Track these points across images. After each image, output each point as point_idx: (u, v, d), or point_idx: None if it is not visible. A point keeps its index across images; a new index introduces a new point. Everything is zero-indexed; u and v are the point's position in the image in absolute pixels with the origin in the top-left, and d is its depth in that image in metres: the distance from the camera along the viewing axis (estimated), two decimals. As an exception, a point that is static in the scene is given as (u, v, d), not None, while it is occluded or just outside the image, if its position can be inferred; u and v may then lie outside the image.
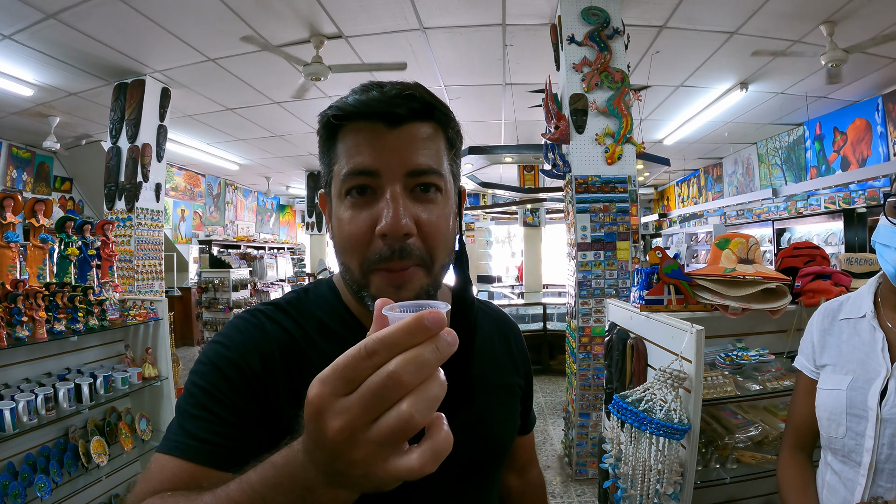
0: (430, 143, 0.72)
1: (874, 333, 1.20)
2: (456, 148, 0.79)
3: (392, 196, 0.68)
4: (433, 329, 0.39)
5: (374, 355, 0.39)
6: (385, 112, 0.69)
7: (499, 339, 0.98)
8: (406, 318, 0.39)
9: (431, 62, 5.33)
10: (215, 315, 7.68)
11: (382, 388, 0.38)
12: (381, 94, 0.69)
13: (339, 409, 0.39)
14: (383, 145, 0.69)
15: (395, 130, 0.69)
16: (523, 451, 1.10)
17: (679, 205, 12.37)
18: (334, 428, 0.39)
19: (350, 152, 0.71)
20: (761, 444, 1.95)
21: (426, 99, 0.71)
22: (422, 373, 0.38)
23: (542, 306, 7.81)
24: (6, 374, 2.59)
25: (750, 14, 4.31)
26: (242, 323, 0.80)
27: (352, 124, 0.71)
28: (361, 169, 0.69)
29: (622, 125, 4.01)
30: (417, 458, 0.39)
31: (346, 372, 0.39)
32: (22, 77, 5.38)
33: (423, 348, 0.39)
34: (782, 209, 7.31)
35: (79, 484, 2.65)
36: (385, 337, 0.39)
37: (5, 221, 3.07)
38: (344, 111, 0.70)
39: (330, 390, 0.39)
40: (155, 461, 0.68)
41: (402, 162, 0.69)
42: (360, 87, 0.73)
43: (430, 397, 0.39)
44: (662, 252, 2.09)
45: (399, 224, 0.67)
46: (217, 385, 0.72)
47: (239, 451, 0.67)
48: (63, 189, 8.91)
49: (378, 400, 0.38)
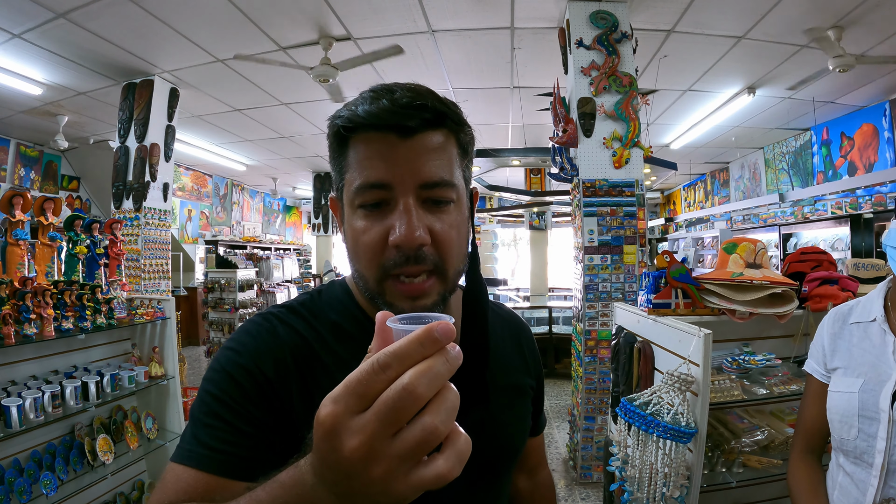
0: (442, 153, 0.71)
1: (884, 337, 1.21)
2: (468, 153, 0.78)
3: (405, 208, 0.68)
4: (443, 340, 0.39)
5: (388, 369, 0.38)
6: (397, 123, 0.67)
7: (510, 340, 0.97)
8: (417, 331, 0.39)
9: (439, 65, 5.34)
10: (221, 315, 7.69)
11: (398, 401, 0.37)
12: (392, 102, 0.67)
13: (356, 427, 0.38)
14: (395, 157, 0.68)
15: (407, 141, 0.68)
16: (534, 453, 1.10)
17: (685, 209, 12.34)
18: (351, 447, 0.38)
19: (362, 164, 0.70)
20: (767, 449, 1.96)
21: (438, 108, 0.70)
22: (435, 384, 0.38)
23: (547, 310, 7.81)
24: (13, 371, 2.60)
25: (758, 19, 4.30)
26: (254, 327, 0.79)
27: (363, 134, 0.70)
28: (374, 182, 0.69)
29: (630, 129, 4.01)
30: (444, 464, 0.40)
31: (358, 388, 0.39)
32: (31, 76, 5.40)
33: (435, 360, 0.39)
34: (789, 214, 7.28)
35: (84, 481, 2.65)
36: (397, 350, 0.39)
37: (14, 219, 3.08)
38: (354, 122, 0.69)
39: (343, 409, 0.39)
40: (170, 471, 0.69)
41: (414, 174, 0.69)
42: (369, 93, 0.71)
43: (449, 407, 0.39)
44: (670, 256, 2.08)
45: (413, 236, 0.67)
46: (229, 393, 0.71)
47: (253, 459, 0.68)
48: (70, 188, 8.97)
49: (395, 414, 0.38)
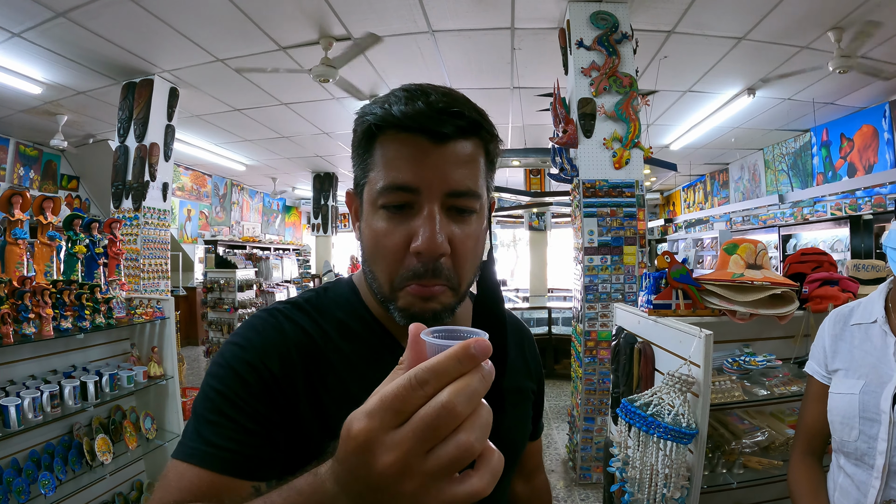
0: (471, 163, 0.70)
1: (886, 338, 1.21)
2: (494, 165, 0.77)
3: (429, 214, 0.67)
4: (480, 357, 0.38)
5: (426, 385, 0.38)
6: (430, 128, 0.66)
7: (513, 343, 0.97)
8: (454, 347, 0.39)
9: (440, 65, 5.34)
10: (220, 315, 7.69)
11: (437, 419, 0.37)
12: (428, 106, 0.66)
13: (391, 443, 0.38)
14: (426, 162, 0.67)
15: (438, 147, 0.67)
16: (532, 457, 1.10)
17: (685, 210, 12.34)
18: (386, 462, 0.38)
19: (390, 164, 0.68)
20: (768, 450, 1.96)
21: (473, 117, 0.68)
22: (472, 402, 0.38)
23: (547, 310, 7.81)
24: (12, 370, 2.59)
25: (758, 20, 4.30)
26: (260, 323, 0.78)
27: (393, 134, 0.68)
28: (401, 185, 0.67)
29: (630, 130, 4.01)
30: (478, 482, 0.39)
31: (395, 404, 0.38)
32: (30, 75, 5.39)
33: (472, 377, 0.38)
34: (788, 215, 7.29)
35: (83, 481, 2.65)
36: (435, 366, 0.38)
37: (13, 218, 3.08)
38: (387, 121, 0.67)
39: (378, 424, 0.38)
40: (172, 468, 0.67)
41: (443, 181, 0.67)
42: (403, 92, 0.69)
43: (483, 424, 0.39)
44: (671, 257, 2.08)
45: (435, 244, 0.66)
46: (234, 388, 0.70)
47: (258, 457, 0.67)
48: (70, 187, 8.96)
49: (432, 432, 0.37)
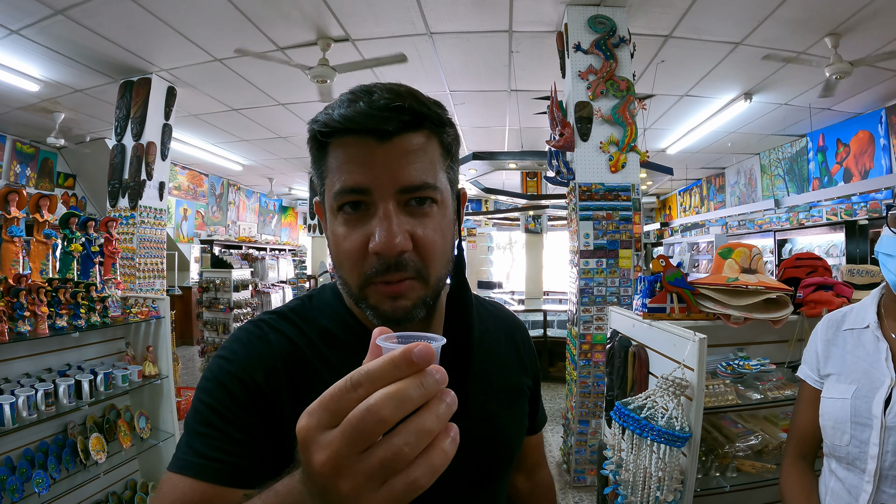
0: (422, 155, 0.69)
1: (878, 343, 1.21)
2: (452, 153, 0.76)
3: (385, 214, 0.66)
4: (420, 364, 0.38)
5: (359, 387, 0.38)
6: (374, 127, 0.66)
7: (505, 339, 0.97)
8: (394, 351, 0.38)
9: (437, 67, 5.34)
10: (216, 315, 7.67)
11: (362, 422, 0.37)
12: (369, 105, 0.65)
13: (324, 442, 0.38)
14: (374, 161, 0.67)
15: (384, 144, 0.67)
16: (532, 452, 1.09)
17: (681, 214, 12.38)
18: (319, 461, 0.38)
19: (340, 169, 0.68)
20: (761, 454, 1.96)
21: (416, 109, 0.67)
22: (403, 407, 0.37)
23: (542, 313, 7.81)
24: (7, 368, 2.58)
25: (756, 25, 4.33)
26: (245, 335, 0.79)
27: (340, 138, 0.68)
28: (353, 187, 0.67)
29: (627, 133, 4.02)
30: (416, 471, 0.38)
31: (330, 404, 0.38)
32: (28, 72, 5.39)
33: (407, 383, 0.37)
34: (784, 220, 7.31)
35: (77, 480, 2.64)
36: (370, 369, 0.38)
37: (9, 216, 3.08)
38: (330, 126, 0.68)
39: (315, 423, 0.39)
40: (167, 481, 0.69)
41: (393, 178, 0.67)
42: (347, 95, 0.70)
43: (419, 430, 0.37)
44: (666, 261, 2.09)
45: (392, 243, 0.65)
46: (222, 401, 0.72)
47: (248, 467, 0.69)
48: (66, 185, 8.93)
49: (359, 434, 0.37)
